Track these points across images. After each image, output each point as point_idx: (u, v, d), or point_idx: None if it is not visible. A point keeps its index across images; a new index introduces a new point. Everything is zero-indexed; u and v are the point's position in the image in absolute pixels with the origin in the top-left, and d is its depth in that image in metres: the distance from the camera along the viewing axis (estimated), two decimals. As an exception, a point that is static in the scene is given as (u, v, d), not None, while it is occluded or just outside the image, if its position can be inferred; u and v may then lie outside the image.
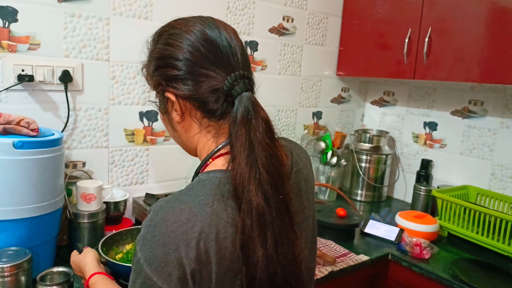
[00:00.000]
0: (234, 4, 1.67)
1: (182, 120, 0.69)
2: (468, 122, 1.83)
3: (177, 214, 0.58)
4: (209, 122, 0.68)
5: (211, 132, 0.69)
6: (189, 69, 0.65)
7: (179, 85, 0.66)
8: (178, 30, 0.67)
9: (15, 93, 1.24)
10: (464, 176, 1.85)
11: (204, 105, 0.66)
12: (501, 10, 1.46)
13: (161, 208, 0.60)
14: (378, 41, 1.87)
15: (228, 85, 0.63)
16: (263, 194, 0.59)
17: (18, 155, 0.99)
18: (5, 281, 0.94)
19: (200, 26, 0.66)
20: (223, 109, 0.66)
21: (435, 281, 1.32)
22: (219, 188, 0.61)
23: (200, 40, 0.65)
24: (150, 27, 1.48)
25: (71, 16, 1.30)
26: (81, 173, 1.40)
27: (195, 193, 0.61)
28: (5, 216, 1.01)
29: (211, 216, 0.58)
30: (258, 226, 0.58)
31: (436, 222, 1.59)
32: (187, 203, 0.60)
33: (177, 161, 1.64)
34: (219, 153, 0.67)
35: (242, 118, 0.62)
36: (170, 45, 0.66)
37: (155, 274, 0.57)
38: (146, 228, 0.60)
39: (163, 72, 0.67)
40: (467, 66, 1.55)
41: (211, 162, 0.68)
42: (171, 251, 0.57)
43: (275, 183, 0.61)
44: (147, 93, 1.49)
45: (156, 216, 0.60)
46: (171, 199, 0.61)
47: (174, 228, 0.57)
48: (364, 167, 2.03)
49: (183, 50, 0.65)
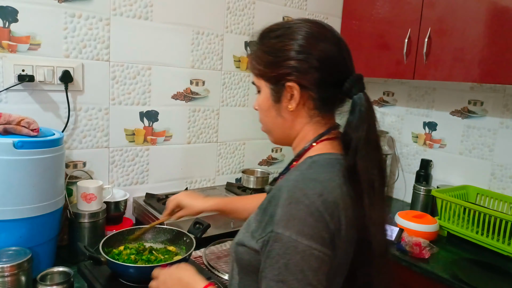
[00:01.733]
0: (234, 5, 1.67)
1: (295, 108, 0.76)
2: (468, 122, 1.83)
3: (312, 188, 0.66)
4: (319, 113, 0.76)
5: (318, 122, 0.77)
6: (319, 64, 0.72)
7: (307, 76, 0.72)
8: (302, 27, 0.74)
9: (15, 93, 1.24)
10: (464, 176, 1.85)
11: (321, 98, 0.75)
12: (501, 10, 1.46)
13: (295, 186, 0.67)
14: (378, 41, 1.87)
15: (348, 86, 0.72)
16: (381, 176, 0.71)
17: (19, 155, 1.00)
18: (5, 281, 0.94)
19: (325, 26, 0.76)
20: (334, 104, 0.77)
21: (435, 281, 1.32)
22: (335, 167, 0.71)
23: (330, 38, 0.74)
24: (150, 27, 1.49)
25: (71, 16, 1.30)
26: (82, 173, 1.40)
27: (317, 171, 0.70)
28: (5, 216, 1.01)
29: (336, 189, 0.67)
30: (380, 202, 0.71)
31: (436, 222, 1.59)
32: (316, 180, 0.68)
33: (177, 161, 1.64)
34: (324, 138, 0.76)
35: (366, 114, 0.71)
36: (297, 40, 0.73)
37: (313, 241, 0.62)
38: (287, 207, 0.65)
39: (292, 64, 0.73)
40: (467, 66, 1.55)
41: (314, 146, 0.76)
42: (319, 217, 0.64)
43: (383, 167, 0.74)
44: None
45: (294, 194, 0.66)
46: (298, 178, 0.69)
47: (314, 199, 0.64)
48: (364, 167, 2.02)
49: (319, 48, 0.72)
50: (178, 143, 1.64)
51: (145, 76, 1.49)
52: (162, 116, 1.56)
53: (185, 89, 1.61)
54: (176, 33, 1.54)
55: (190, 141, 1.67)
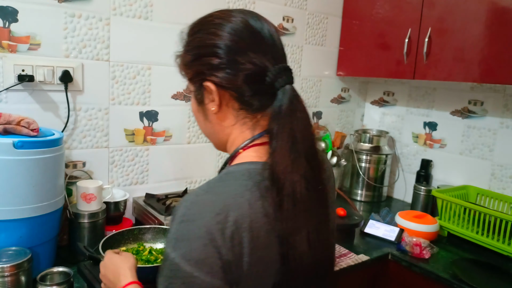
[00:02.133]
0: (234, 5, 1.67)
1: (218, 111, 0.68)
2: (468, 122, 1.83)
3: (209, 206, 0.58)
4: (246, 114, 0.68)
5: (246, 124, 0.68)
6: (231, 58, 0.64)
7: (220, 73, 0.65)
8: (221, 20, 0.67)
9: (15, 93, 1.24)
10: (464, 176, 1.85)
11: (242, 96, 0.66)
12: (501, 10, 1.46)
13: (192, 202, 0.60)
14: (378, 41, 1.87)
15: (272, 76, 0.63)
16: (306, 183, 0.60)
17: (18, 155, 0.99)
18: (5, 281, 0.94)
19: (242, 16, 0.67)
20: (262, 101, 0.66)
21: (435, 281, 1.32)
22: (251, 179, 0.61)
23: (243, 29, 0.66)
24: (150, 27, 1.49)
25: (71, 16, 1.30)
26: (81, 173, 1.40)
27: (225, 184, 0.61)
28: (5, 216, 1.01)
29: (243, 206, 0.58)
30: (303, 215, 0.59)
31: (436, 222, 1.59)
32: (218, 195, 0.59)
33: (177, 161, 1.64)
34: (253, 143, 0.67)
35: (286, 110, 0.61)
36: (213, 34, 0.66)
37: (196, 269, 0.55)
38: (179, 225, 0.58)
39: (205, 61, 0.67)
40: (467, 66, 1.55)
41: (241, 153, 0.67)
42: (209, 241, 0.56)
43: (316, 174, 0.62)
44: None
45: (188, 210, 0.59)
46: (201, 192, 0.61)
47: (208, 219, 0.57)
48: (364, 167, 2.03)
49: (226, 38, 0.65)
50: (178, 143, 1.64)
51: (145, 76, 1.49)
52: (162, 116, 1.56)
53: (185, 89, 1.61)
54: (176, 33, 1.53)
55: (190, 141, 1.67)
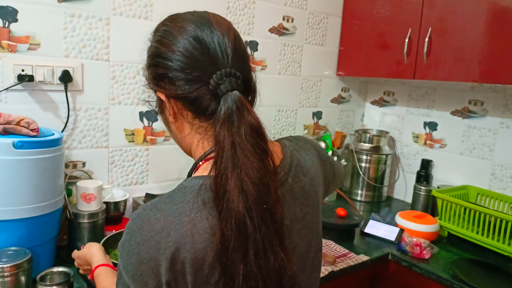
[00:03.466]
0: (234, 4, 1.67)
1: (175, 121, 0.67)
2: (468, 122, 1.83)
3: (152, 223, 0.57)
4: (200, 123, 0.65)
5: (201, 133, 0.66)
6: (177, 68, 0.63)
7: (167, 84, 0.64)
8: (169, 27, 0.66)
9: (15, 93, 1.24)
10: (464, 176, 1.85)
11: (193, 105, 0.63)
12: (501, 10, 1.46)
13: (137, 216, 0.59)
14: (378, 41, 1.87)
15: (213, 83, 0.60)
16: (244, 202, 0.55)
17: (18, 155, 0.99)
18: (5, 281, 0.94)
19: (190, 24, 0.64)
20: (212, 109, 0.62)
21: (435, 281, 1.32)
22: (200, 195, 0.58)
23: (188, 38, 0.63)
24: (150, 27, 1.47)
25: (71, 16, 1.30)
26: (81, 173, 1.40)
27: (173, 201, 0.59)
28: (5, 216, 1.01)
29: (187, 225, 0.56)
30: (237, 236, 0.54)
31: (436, 222, 1.59)
32: (163, 211, 0.57)
33: (177, 161, 1.64)
34: (209, 156, 0.64)
35: (223, 119, 0.58)
36: (161, 44, 0.65)
37: (132, 282, 0.57)
38: (125, 236, 0.59)
39: (154, 71, 0.66)
40: (467, 66, 1.55)
41: (201, 166, 0.65)
42: (145, 260, 0.56)
43: (259, 190, 0.56)
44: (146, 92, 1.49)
45: (133, 224, 0.59)
46: (148, 206, 0.60)
47: (148, 237, 0.56)
48: (364, 167, 2.02)
49: (172, 49, 0.63)
50: (178, 143, 1.63)
51: (145, 76, 1.49)
52: (162, 116, 1.56)
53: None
54: (176, 33, 1.54)
55: (190, 141, 1.67)
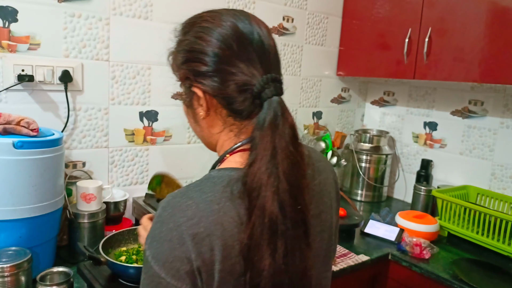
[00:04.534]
0: (234, 4, 1.67)
1: (207, 116, 0.68)
2: (468, 122, 1.83)
3: (183, 210, 0.58)
4: (233, 121, 0.66)
5: (233, 131, 0.67)
6: (218, 66, 0.63)
7: (207, 81, 0.64)
8: (210, 24, 0.65)
9: (15, 93, 1.24)
10: (464, 176, 1.85)
11: (230, 104, 0.64)
12: (501, 10, 1.46)
13: (168, 203, 0.60)
14: (378, 41, 1.87)
15: (259, 87, 0.61)
16: (279, 202, 0.57)
17: (18, 155, 0.99)
18: (5, 281, 0.94)
19: (233, 20, 0.64)
20: (249, 110, 0.64)
21: (435, 281, 1.32)
22: (230, 186, 0.60)
23: (232, 35, 0.63)
24: (150, 27, 1.49)
25: (71, 16, 1.30)
26: (81, 173, 1.40)
27: (202, 189, 0.60)
28: (5, 216, 1.01)
29: (217, 213, 0.57)
30: (268, 234, 0.56)
31: (436, 222, 1.59)
32: (194, 199, 0.59)
33: (177, 161, 1.64)
34: (239, 149, 0.66)
35: (270, 123, 0.59)
36: (201, 39, 0.64)
37: (163, 270, 0.56)
38: (154, 225, 0.59)
39: (192, 66, 0.65)
40: (467, 66, 1.55)
41: (227, 158, 0.67)
42: (178, 245, 0.56)
43: (294, 192, 0.58)
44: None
45: (164, 212, 0.59)
46: (178, 194, 0.61)
47: (180, 223, 0.57)
48: (364, 167, 2.03)
49: (214, 45, 0.63)
50: (178, 143, 1.63)
51: (144, 76, 1.49)
52: (162, 116, 1.56)
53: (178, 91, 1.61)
54: (176, 33, 1.54)
55: (190, 141, 1.67)
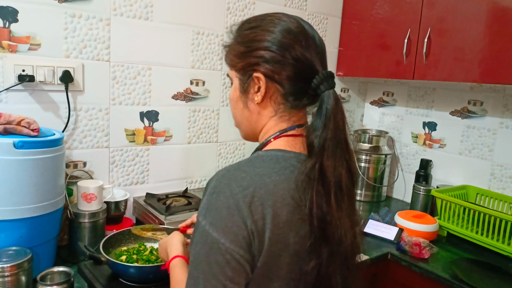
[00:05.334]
0: (234, 5, 1.67)
1: (261, 101, 0.74)
2: (468, 122, 1.83)
3: (238, 180, 0.64)
4: (284, 108, 0.74)
5: (283, 117, 0.74)
6: (282, 53, 0.70)
7: (271, 66, 0.71)
8: (279, 20, 0.73)
9: (15, 93, 1.24)
10: (464, 176, 1.85)
11: (287, 92, 0.72)
12: (501, 10, 1.46)
13: (223, 176, 0.66)
14: (378, 41, 1.87)
15: (319, 80, 0.69)
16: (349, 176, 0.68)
17: (19, 155, 1.00)
18: (6, 281, 0.94)
19: (298, 20, 0.73)
20: (303, 101, 0.73)
21: (435, 280, 1.32)
22: (278, 163, 0.67)
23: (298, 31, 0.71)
24: (151, 28, 1.49)
25: (71, 17, 1.30)
26: (82, 173, 1.40)
27: (254, 165, 0.67)
28: (5, 216, 1.01)
29: (269, 185, 0.64)
30: (347, 202, 0.67)
31: (436, 222, 1.59)
32: (247, 172, 0.65)
33: (178, 161, 1.64)
34: (284, 134, 0.73)
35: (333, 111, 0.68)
36: (268, 31, 0.72)
37: (222, 235, 0.61)
38: (210, 196, 0.64)
39: (258, 54, 0.72)
40: (467, 66, 1.55)
41: (272, 142, 0.73)
42: (236, 212, 0.61)
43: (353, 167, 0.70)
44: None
45: (219, 183, 0.65)
46: (231, 168, 0.67)
47: (237, 191, 0.62)
48: (363, 167, 2.03)
49: (279, 35, 0.71)
50: (178, 143, 1.64)
51: (145, 76, 1.49)
52: (162, 116, 1.57)
53: (185, 89, 1.61)
54: (176, 33, 1.54)
55: (190, 141, 1.67)
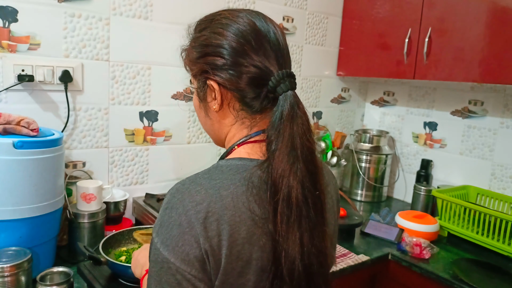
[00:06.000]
0: (234, 4, 1.67)
1: (219, 109, 0.70)
2: (468, 122, 1.83)
3: (192, 195, 0.60)
4: (245, 115, 0.68)
5: (245, 123, 0.69)
6: (235, 60, 0.65)
7: (224, 74, 0.66)
8: (228, 20, 0.67)
9: (15, 93, 1.24)
10: (464, 176, 1.85)
11: (245, 97, 0.67)
12: (501, 10, 1.46)
13: (177, 190, 0.62)
14: (378, 41, 1.87)
15: (275, 82, 0.64)
16: (302, 190, 0.60)
17: (18, 155, 0.99)
18: (5, 281, 0.94)
19: (250, 18, 0.67)
20: (263, 104, 0.67)
21: (435, 281, 1.32)
22: (238, 174, 0.62)
23: (249, 32, 0.65)
24: (150, 27, 1.49)
25: (71, 16, 1.30)
26: (81, 173, 1.40)
27: (211, 177, 0.62)
28: (5, 216, 1.01)
29: (226, 199, 0.59)
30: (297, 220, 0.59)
31: (436, 222, 1.59)
32: (203, 185, 0.61)
33: (177, 161, 1.64)
34: (248, 141, 0.68)
35: (288, 115, 0.63)
36: (219, 34, 0.66)
37: (172, 255, 0.57)
38: (163, 211, 0.61)
39: (209, 60, 0.67)
40: (467, 66, 1.55)
41: (235, 150, 0.69)
42: (187, 229, 0.57)
43: (313, 179, 0.62)
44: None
45: (173, 198, 0.61)
46: (187, 181, 0.62)
47: (189, 207, 0.58)
48: (364, 167, 2.03)
49: (231, 39, 0.65)
50: (178, 143, 1.63)
51: (145, 76, 1.49)
52: (162, 116, 1.56)
53: (185, 89, 1.61)
54: (176, 32, 1.54)
55: (190, 141, 1.67)
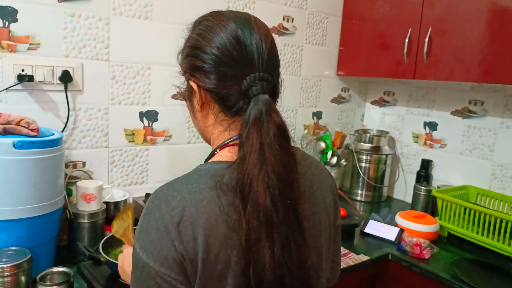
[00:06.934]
0: (234, 4, 1.67)
1: (201, 110, 0.72)
2: (468, 122, 1.83)
3: (169, 200, 0.61)
4: (224, 117, 0.70)
5: (224, 126, 0.71)
6: (213, 64, 0.66)
7: (202, 76, 0.68)
8: (211, 23, 0.69)
9: (15, 93, 1.24)
10: (464, 176, 1.85)
11: (222, 100, 0.68)
12: (501, 10, 1.46)
13: (155, 196, 0.64)
14: (378, 41, 1.87)
15: (246, 85, 0.65)
16: (271, 196, 0.59)
17: (18, 155, 0.99)
18: (5, 281, 0.94)
19: (232, 24, 0.67)
20: (239, 107, 0.67)
21: (435, 281, 1.32)
22: (214, 178, 0.62)
23: (229, 37, 0.66)
24: (150, 27, 1.49)
25: (71, 16, 1.30)
26: (81, 173, 1.39)
27: (188, 181, 0.63)
28: (5, 216, 1.01)
29: (201, 203, 0.60)
30: (265, 228, 0.58)
31: (436, 222, 1.59)
32: (179, 190, 0.62)
33: (177, 161, 1.64)
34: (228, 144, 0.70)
35: (254, 120, 0.62)
36: (201, 37, 0.69)
37: (151, 259, 0.59)
38: (143, 217, 0.62)
39: (191, 61, 0.70)
40: (467, 66, 1.55)
41: (217, 153, 0.70)
42: (164, 233, 0.59)
43: (284, 187, 0.60)
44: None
45: (151, 203, 0.63)
46: (165, 187, 0.64)
47: (165, 212, 0.60)
48: (364, 167, 2.02)
49: (212, 44, 0.67)
50: (178, 143, 1.63)
51: (144, 76, 1.49)
52: (162, 116, 1.56)
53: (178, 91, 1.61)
54: (176, 32, 1.53)
55: (190, 141, 1.67)
